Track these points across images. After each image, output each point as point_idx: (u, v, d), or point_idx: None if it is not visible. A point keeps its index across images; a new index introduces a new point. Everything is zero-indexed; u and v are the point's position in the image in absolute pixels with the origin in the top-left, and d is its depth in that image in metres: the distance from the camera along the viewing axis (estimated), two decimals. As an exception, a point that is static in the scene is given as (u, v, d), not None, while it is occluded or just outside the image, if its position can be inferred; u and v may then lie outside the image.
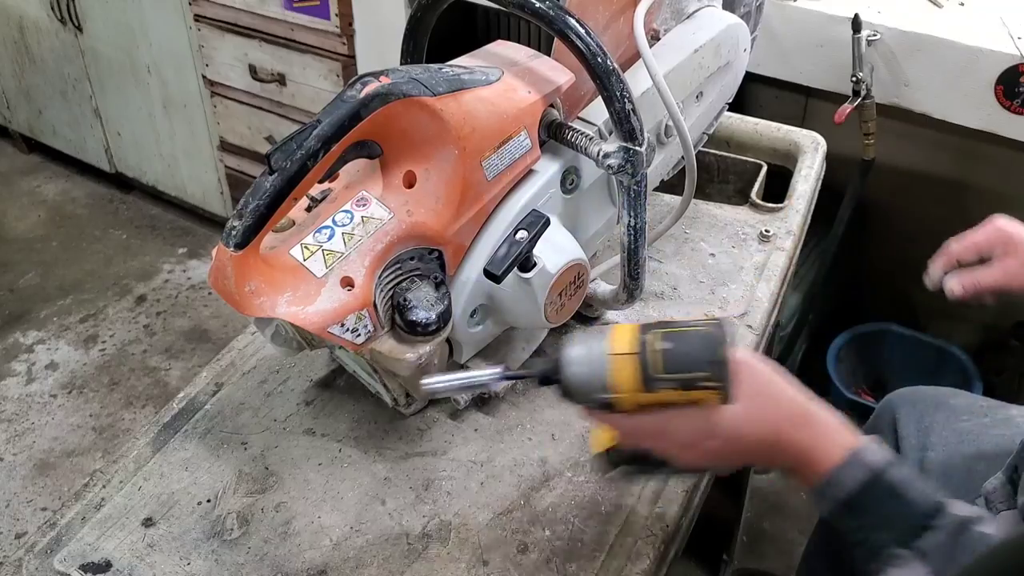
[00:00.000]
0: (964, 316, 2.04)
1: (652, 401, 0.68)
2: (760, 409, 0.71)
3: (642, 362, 0.67)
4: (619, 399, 0.68)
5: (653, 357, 0.67)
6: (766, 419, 0.71)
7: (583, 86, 0.95)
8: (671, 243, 1.21)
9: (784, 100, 1.99)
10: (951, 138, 1.79)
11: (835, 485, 0.69)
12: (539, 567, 0.83)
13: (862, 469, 0.69)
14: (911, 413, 1.13)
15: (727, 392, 0.68)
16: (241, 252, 0.78)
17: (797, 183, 1.31)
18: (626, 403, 0.68)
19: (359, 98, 0.79)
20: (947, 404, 1.11)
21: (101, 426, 2.28)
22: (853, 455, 0.69)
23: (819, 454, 0.70)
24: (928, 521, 0.67)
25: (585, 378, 0.69)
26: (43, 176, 3.27)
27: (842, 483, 0.69)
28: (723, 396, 0.68)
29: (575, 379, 0.69)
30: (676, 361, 0.67)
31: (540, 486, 0.90)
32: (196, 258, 2.84)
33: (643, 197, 0.91)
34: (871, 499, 0.68)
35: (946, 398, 1.13)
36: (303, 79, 2.22)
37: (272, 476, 0.91)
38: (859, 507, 0.69)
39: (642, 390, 0.67)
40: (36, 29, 2.83)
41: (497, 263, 0.84)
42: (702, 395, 0.68)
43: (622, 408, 0.69)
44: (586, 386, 0.69)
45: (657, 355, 0.67)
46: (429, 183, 0.85)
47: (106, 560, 0.83)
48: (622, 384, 0.68)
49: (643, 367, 0.67)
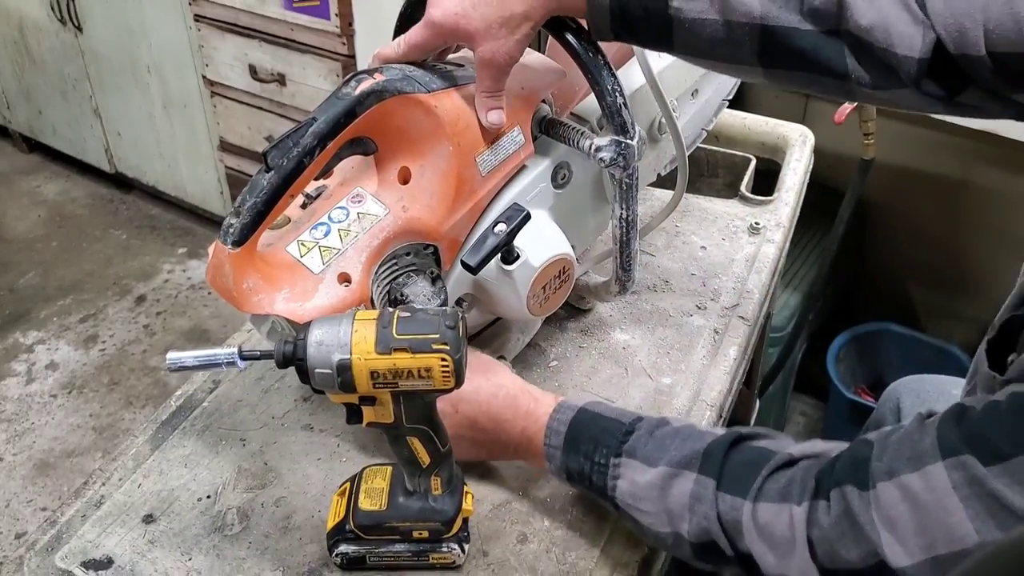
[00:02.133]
0: (964, 316, 2.05)
1: (385, 367, 0.70)
2: (491, 383, 0.86)
3: (380, 324, 0.71)
4: (354, 360, 0.70)
5: (391, 319, 0.71)
6: (496, 395, 0.86)
7: (575, 82, 0.95)
8: (662, 236, 1.22)
9: (784, 100, 1.99)
10: (951, 138, 1.80)
11: (552, 434, 0.82)
12: (539, 557, 0.83)
13: (567, 411, 0.82)
14: (914, 403, 1.13)
15: (457, 359, 0.70)
16: (239, 249, 0.79)
17: (786, 176, 1.32)
18: (360, 368, 0.70)
19: (354, 95, 0.80)
20: (949, 393, 1.12)
21: (101, 426, 2.29)
22: (559, 405, 0.83)
23: (538, 416, 0.83)
24: (631, 428, 0.79)
25: (325, 342, 0.70)
26: (43, 176, 3.27)
27: (557, 429, 0.82)
28: (453, 364, 0.70)
29: (315, 347, 0.70)
30: (412, 324, 0.70)
31: (538, 477, 0.90)
32: (196, 258, 2.85)
33: (635, 190, 0.92)
34: (580, 430, 0.81)
35: (949, 387, 1.14)
36: (303, 79, 2.22)
37: (271, 471, 0.92)
38: (575, 441, 0.81)
39: (375, 352, 0.70)
40: (36, 29, 2.83)
41: (473, 254, 0.85)
42: (433, 360, 0.70)
43: (358, 375, 0.70)
44: (325, 349, 0.70)
45: (395, 318, 0.71)
46: (424, 179, 0.85)
47: (107, 557, 0.84)
48: (358, 344, 0.70)
49: (379, 327, 0.70)
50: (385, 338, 0.70)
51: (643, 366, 1.03)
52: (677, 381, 1.01)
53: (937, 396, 1.12)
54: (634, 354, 1.05)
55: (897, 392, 1.18)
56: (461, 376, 0.71)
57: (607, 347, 1.06)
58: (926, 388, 1.15)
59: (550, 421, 0.82)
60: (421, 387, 0.71)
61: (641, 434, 0.78)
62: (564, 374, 1.02)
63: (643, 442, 0.78)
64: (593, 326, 1.09)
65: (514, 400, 0.85)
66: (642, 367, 1.03)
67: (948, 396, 1.11)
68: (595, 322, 1.09)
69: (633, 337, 1.07)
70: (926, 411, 0.67)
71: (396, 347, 0.70)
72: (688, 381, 1.01)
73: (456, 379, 0.71)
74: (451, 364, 0.70)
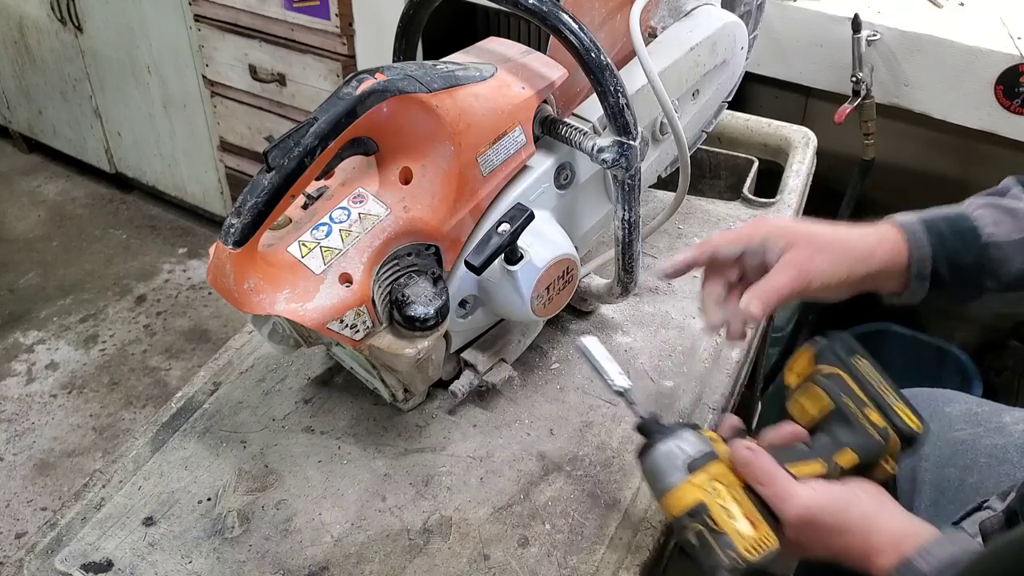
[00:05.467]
0: (964, 316, 2.04)
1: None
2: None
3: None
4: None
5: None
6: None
7: (578, 83, 0.95)
8: (665, 238, 1.22)
9: (784, 100, 1.99)
10: (951, 138, 1.79)
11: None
12: (540, 560, 0.83)
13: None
14: None
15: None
16: (240, 250, 0.79)
17: (788, 178, 1.31)
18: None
19: (355, 95, 0.80)
20: (942, 412, 1.10)
21: (101, 426, 2.28)
22: (905, 564, 0.71)
23: (882, 559, 0.73)
24: None
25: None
26: (43, 176, 3.27)
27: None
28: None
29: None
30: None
31: (539, 480, 0.90)
32: (196, 258, 2.84)
33: (637, 191, 0.92)
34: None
35: (941, 405, 1.12)
36: (303, 79, 2.22)
37: (272, 474, 0.92)
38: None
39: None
40: (36, 29, 2.83)
41: (477, 255, 0.84)
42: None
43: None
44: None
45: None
46: (425, 179, 0.85)
47: (107, 560, 0.84)
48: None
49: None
50: None
51: (645, 369, 1.03)
52: (679, 384, 1.01)
53: (930, 415, 1.10)
54: (636, 356, 1.04)
55: None
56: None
57: (609, 349, 1.05)
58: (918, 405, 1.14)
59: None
60: None
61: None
62: (566, 376, 1.02)
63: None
64: (595, 328, 1.09)
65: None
66: (644, 370, 1.03)
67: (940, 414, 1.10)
68: (597, 324, 1.09)
69: (635, 339, 1.07)
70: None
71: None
72: (690, 384, 1.01)
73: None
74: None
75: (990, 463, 1.00)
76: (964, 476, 1.01)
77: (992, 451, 1.02)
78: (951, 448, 1.05)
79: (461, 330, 0.96)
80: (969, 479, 1.00)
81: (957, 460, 1.03)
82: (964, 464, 1.02)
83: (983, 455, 1.02)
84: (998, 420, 1.07)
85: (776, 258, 0.82)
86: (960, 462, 1.03)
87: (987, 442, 1.04)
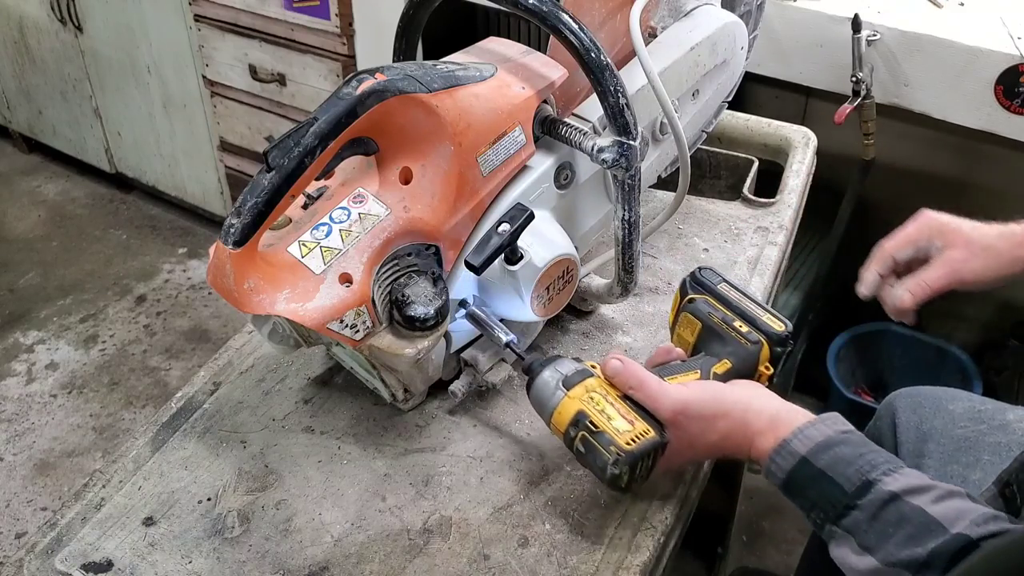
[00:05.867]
0: (964, 316, 2.04)
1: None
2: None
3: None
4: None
5: None
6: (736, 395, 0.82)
7: (578, 83, 0.95)
8: (664, 238, 1.22)
9: (784, 100, 1.99)
10: (951, 138, 1.79)
11: (771, 473, 0.78)
12: (540, 560, 0.83)
13: (789, 457, 0.76)
14: (911, 419, 1.12)
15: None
16: (240, 250, 0.79)
17: (788, 178, 1.32)
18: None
19: (355, 95, 0.80)
20: (946, 410, 1.10)
21: (101, 426, 2.28)
22: (781, 445, 0.77)
23: (761, 440, 0.78)
24: (853, 500, 0.72)
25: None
26: (43, 176, 3.27)
27: (774, 472, 0.77)
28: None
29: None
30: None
31: (539, 480, 0.90)
32: (196, 258, 2.84)
33: (637, 191, 0.92)
34: (799, 484, 0.75)
35: (945, 403, 1.12)
36: (303, 79, 2.22)
37: (272, 474, 0.92)
38: (791, 490, 0.76)
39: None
40: (36, 29, 2.83)
41: (477, 255, 0.84)
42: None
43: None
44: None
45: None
46: (425, 179, 0.85)
47: (107, 560, 0.83)
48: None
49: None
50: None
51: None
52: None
53: (934, 411, 1.11)
54: (636, 357, 1.04)
55: (893, 406, 1.17)
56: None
57: (609, 349, 1.06)
58: (921, 402, 1.14)
59: (769, 463, 0.78)
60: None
61: (863, 516, 0.71)
62: (566, 375, 1.02)
63: (863, 526, 0.71)
64: (595, 328, 1.09)
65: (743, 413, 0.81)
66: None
67: (944, 411, 1.10)
68: (597, 324, 1.09)
69: (635, 339, 1.07)
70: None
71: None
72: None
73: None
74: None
75: (993, 460, 1.01)
76: (967, 473, 1.01)
77: (995, 448, 1.02)
78: (955, 445, 1.05)
79: (462, 330, 0.96)
80: (972, 476, 1.01)
81: (961, 457, 1.03)
82: (967, 461, 1.03)
83: (986, 452, 1.02)
84: (1001, 418, 1.07)
85: (934, 254, 0.94)
86: (964, 459, 1.03)
87: (990, 439, 1.04)
